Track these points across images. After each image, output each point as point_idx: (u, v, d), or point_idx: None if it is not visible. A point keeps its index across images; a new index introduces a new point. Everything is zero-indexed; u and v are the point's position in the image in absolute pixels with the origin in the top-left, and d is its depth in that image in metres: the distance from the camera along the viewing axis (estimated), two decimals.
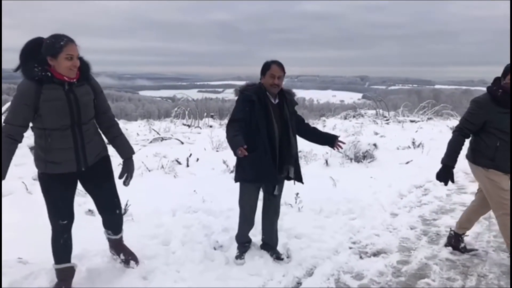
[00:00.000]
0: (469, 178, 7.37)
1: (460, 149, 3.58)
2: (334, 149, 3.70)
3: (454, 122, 20.52)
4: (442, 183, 3.64)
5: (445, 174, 3.58)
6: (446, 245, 4.01)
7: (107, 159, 3.03)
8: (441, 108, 26.18)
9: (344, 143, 3.68)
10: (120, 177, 3.03)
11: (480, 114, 3.47)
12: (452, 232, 4.03)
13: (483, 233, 4.44)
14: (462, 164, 9.18)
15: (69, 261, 2.95)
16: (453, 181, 3.63)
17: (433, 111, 24.20)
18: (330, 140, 3.65)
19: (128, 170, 3.03)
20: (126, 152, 3.08)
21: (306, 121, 3.76)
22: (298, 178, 3.59)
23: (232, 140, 3.13)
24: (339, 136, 3.68)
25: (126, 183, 3.03)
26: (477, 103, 3.53)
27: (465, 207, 5.39)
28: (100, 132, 3.01)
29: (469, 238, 4.26)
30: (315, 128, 3.80)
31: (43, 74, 2.58)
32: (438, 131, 15.78)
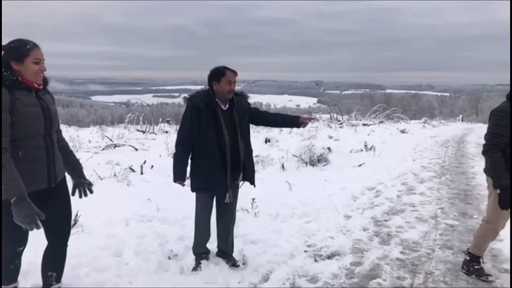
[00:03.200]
0: (418, 180, 7.71)
1: (504, 165, 3.14)
2: (301, 127, 3.60)
3: (404, 125, 21.40)
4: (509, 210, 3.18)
5: (509, 197, 3.12)
6: None
7: (65, 180, 2.82)
8: (392, 111, 27.28)
9: (310, 119, 3.60)
10: (74, 194, 2.89)
11: (507, 125, 3.12)
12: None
13: (430, 232, 4.64)
14: (411, 165, 9.60)
15: (15, 280, 2.77)
16: None
17: (384, 115, 25.13)
18: (293, 123, 3.60)
19: (83, 186, 2.92)
20: (79, 168, 2.95)
21: (263, 110, 3.69)
22: (251, 180, 3.56)
23: (176, 167, 3.40)
24: (300, 117, 3.58)
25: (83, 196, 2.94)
26: (502, 112, 3.16)
27: (414, 208, 5.66)
28: None
29: (416, 236, 4.44)
30: (276, 115, 3.68)
31: (13, 79, 2.40)
32: (389, 134, 16.43)
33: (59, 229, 2.78)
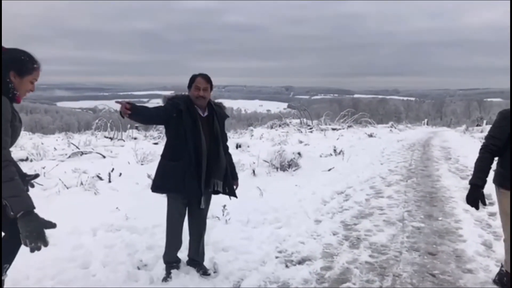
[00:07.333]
0: (385, 183, 7.89)
1: (488, 167, 3.25)
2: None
3: (372, 129, 21.87)
4: (473, 208, 3.27)
5: (474, 195, 3.23)
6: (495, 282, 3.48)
7: None
8: (360, 116, 27.85)
9: (237, 186, 3.72)
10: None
11: (503, 126, 3.16)
12: (503, 270, 3.46)
13: (398, 234, 4.75)
14: (379, 169, 9.79)
15: None
16: (484, 203, 3.26)
17: (352, 119, 25.62)
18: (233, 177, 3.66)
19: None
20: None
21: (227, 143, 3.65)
22: (232, 192, 3.56)
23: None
24: (237, 180, 3.74)
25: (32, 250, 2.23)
26: (500, 114, 3.24)
27: (382, 211, 5.78)
28: None
29: (384, 240, 4.53)
30: (229, 159, 3.66)
31: (15, 93, 2.31)
32: (358, 138, 16.74)
33: None
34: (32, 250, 2.18)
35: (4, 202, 2.15)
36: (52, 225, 2.24)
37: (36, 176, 2.78)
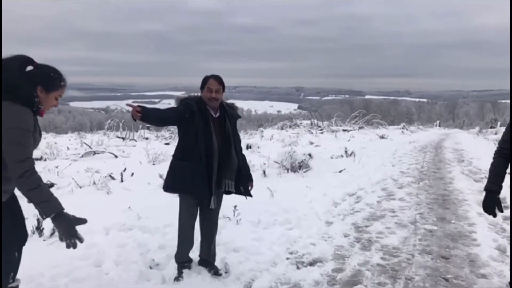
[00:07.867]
0: (397, 185, 7.83)
1: (502, 172, 3.12)
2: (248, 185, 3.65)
3: (383, 131, 21.74)
4: (490, 215, 3.14)
5: (489, 202, 3.12)
6: None
7: None
8: (371, 117, 27.69)
9: (251, 187, 3.66)
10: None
11: None
12: None
13: (410, 237, 4.71)
14: (390, 171, 9.72)
15: None
16: (501, 210, 3.10)
17: (364, 121, 25.49)
18: (246, 178, 3.62)
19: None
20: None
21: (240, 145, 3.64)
22: (247, 192, 3.57)
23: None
24: (251, 181, 3.66)
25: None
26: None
27: (394, 213, 5.74)
28: None
29: (396, 242, 4.50)
30: (243, 159, 3.63)
31: (39, 107, 2.38)
32: (369, 140, 16.65)
33: None
34: (67, 246, 2.30)
35: (37, 208, 2.25)
36: (82, 221, 2.32)
37: (51, 185, 2.85)
